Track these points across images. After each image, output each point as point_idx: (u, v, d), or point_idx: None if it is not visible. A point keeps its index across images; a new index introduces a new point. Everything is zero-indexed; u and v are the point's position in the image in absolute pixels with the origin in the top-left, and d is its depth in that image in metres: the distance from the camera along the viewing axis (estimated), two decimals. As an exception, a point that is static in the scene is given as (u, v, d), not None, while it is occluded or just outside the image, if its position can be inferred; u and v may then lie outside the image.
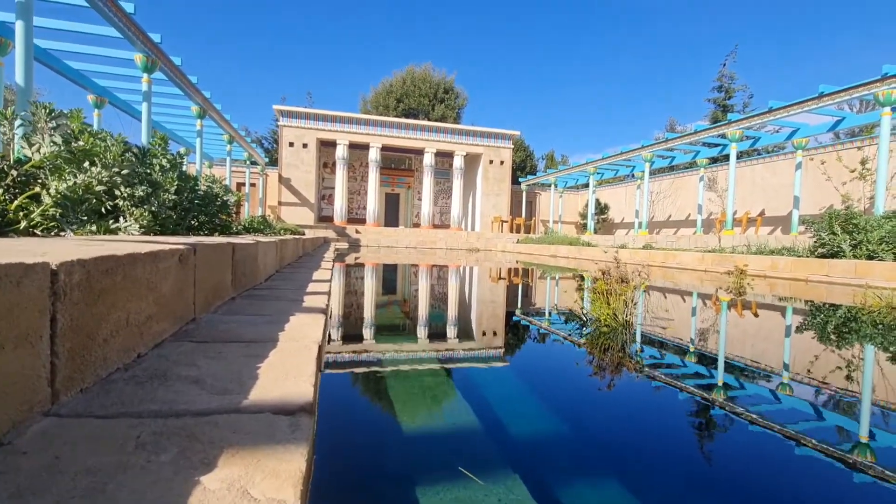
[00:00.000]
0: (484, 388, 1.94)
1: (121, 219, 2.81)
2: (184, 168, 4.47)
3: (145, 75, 8.82)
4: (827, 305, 4.94)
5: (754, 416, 1.58)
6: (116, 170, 2.87)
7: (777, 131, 19.24)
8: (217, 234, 4.80)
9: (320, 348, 1.41)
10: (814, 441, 1.38)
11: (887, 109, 9.06)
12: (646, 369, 2.08)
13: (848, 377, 2.18)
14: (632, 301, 2.43)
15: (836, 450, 1.33)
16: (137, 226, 2.82)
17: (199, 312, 1.54)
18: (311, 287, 2.73)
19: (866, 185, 12.32)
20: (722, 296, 5.62)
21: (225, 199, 5.40)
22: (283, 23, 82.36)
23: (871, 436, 1.48)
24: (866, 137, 12.82)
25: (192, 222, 4.61)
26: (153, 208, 3.17)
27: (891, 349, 2.73)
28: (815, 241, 8.23)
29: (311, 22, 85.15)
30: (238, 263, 2.18)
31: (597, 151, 75.65)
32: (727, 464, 1.30)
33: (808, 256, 8.24)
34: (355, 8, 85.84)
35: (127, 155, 3.42)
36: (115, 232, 2.68)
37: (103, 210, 2.92)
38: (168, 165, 4.01)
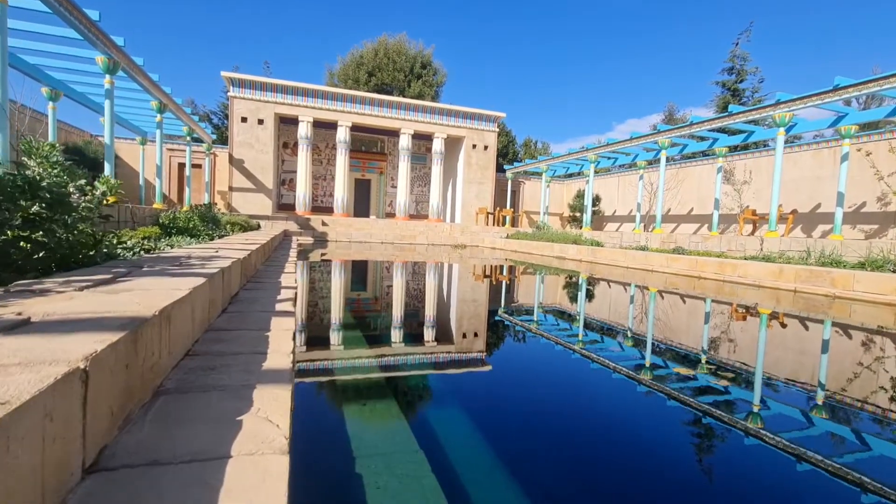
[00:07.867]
0: None
1: None
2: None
3: (-5, -9, 5.72)
4: None
5: None
6: None
7: (792, 117, 17.65)
8: (54, 273, 2.14)
9: None
10: None
11: None
12: None
13: None
14: None
15: None
16: None
17: None
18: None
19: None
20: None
21: (68, 193, 2.66)
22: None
23: None
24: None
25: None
26: None
27: None
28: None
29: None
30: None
31: (564, 139, 73.97)
32: None
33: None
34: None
35: None
36: None
37: None
38: None
